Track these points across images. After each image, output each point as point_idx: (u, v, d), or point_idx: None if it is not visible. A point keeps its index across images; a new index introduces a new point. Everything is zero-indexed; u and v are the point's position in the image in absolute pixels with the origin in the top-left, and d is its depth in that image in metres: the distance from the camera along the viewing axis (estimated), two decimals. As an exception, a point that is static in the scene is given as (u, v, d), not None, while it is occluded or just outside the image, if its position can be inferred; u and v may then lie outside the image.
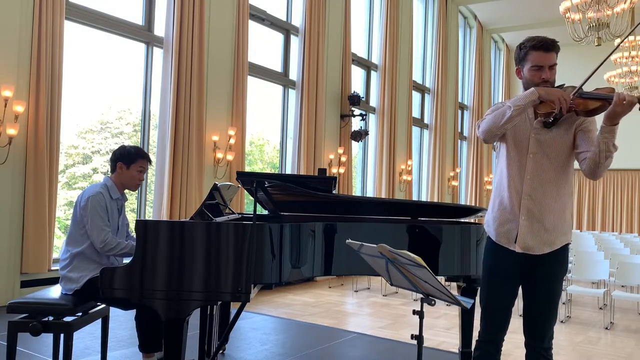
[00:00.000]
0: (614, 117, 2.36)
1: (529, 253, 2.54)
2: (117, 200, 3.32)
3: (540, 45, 2.51)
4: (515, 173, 2.57)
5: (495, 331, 2.63)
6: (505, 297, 2.60)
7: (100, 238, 3.10)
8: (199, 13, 7.13)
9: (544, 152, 2.53)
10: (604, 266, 6.42)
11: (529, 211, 2.52)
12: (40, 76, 5.62)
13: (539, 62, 2.51)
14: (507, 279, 2.60)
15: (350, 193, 9.81)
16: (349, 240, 2.35)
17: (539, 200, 2.52)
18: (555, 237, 2.52)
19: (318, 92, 9.08)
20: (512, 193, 2.57)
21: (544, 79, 2.50)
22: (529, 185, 2.53)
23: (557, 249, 2.53)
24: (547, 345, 2.53)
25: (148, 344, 3.37)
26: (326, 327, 5.40)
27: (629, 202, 16.34)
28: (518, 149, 2.58)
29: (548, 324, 2.53)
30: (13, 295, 5.41)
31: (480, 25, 15.80)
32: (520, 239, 2.53)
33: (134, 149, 3.36)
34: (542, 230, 2.51)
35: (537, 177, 2.52)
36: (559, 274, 2.57)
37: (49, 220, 5.71)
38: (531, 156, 2.54)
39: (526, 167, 2.54)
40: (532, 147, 2.54)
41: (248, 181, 3.15)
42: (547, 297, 2.54)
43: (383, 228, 3.44)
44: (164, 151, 6.89)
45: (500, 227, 2.60)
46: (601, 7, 8.62)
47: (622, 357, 4.78)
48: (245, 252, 2.73)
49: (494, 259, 2.64)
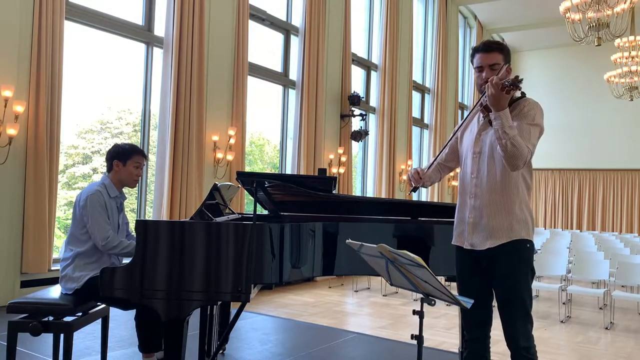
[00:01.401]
0: (491, 102, 2.42)
1: (475, 249, 2.59)
2: (116, 198, 3.32)
3: (479, 46, 2.63)
4: (464, 174, 2.70)
5: (476, 329, 2.66)
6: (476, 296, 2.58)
7: (102, 235, 3.10)
8: (199, 13, 7.13)
9: (485, 150, 2.60)
10: (604, 266, 6.42)
11: (474, 209, 2.60)
12: (40, 76, 5.62)
13: (479, 63, 2.61)
14: (471, 277, 2.67)
15: (350, 193, 9.81)
16: (349, 240, 2.35)
17: (483, 197, 2.58)
18: (499, 232, 2.54)
19: (318, 92, 9.08)
20: (463, 194, 2.69)
21: (485, 79, 2.55)
22: (474, 184, 2.62)
23: (502, 244, 2.53)
24: (525, 344, 2.50)
25: (148, 344, 3.36)
26: (326, 327, 5.40)
27: (629, 202, 16.33)
28: (466, 151, 2.71)
29: (517, 325, 2.51)
30: (13, 295, 5.41)
31: (480, 25, 15.80)
32: (467, 236, 2.62)
33: (128, 146, 3.37)
34: (485, 226, 2.56)
35: (481, 175, 2.60)
36: (518, 274, 2.54)
37: (49, 220, 5.72)
38: (474, 156, 2.63)
39: (470, 168, 2.64)
40: (475, 147, 2.64)
41: (248, 181, 3.16)
42: (509, 297, 2.54)
43: (383, 228, 3.44)
44: (164, 151, 6.89)
45: (456, 229, 2.73)
46: (601, 7, 8.61)
47: (622, 357, 4.78)
48: (245, 252, 2.73)
49: (457, 260, 2.74)
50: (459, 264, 2.73)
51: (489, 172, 2.58)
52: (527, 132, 2.47)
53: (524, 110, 2.54)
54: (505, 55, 2.60)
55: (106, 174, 3.37)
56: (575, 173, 17.06)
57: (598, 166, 16.57)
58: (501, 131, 2.40)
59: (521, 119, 2.51)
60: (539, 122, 2.53)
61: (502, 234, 2.54)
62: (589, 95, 16.46)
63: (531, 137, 2.48)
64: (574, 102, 16.66)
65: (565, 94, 16.78)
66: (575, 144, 16.53)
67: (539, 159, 16.15)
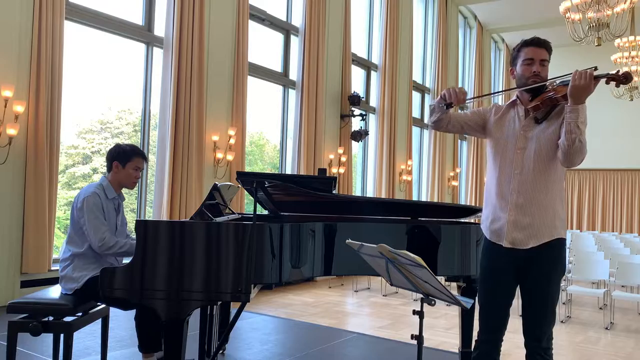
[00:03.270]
0: (574, 93, 2.38)
1: (517, 247, 2.54)
2: (114, 199, 3.30)
3: (531, 40, 2.62)
4: (504, 170, 2.61)
5: (493, 331, 2.63)
6: (501, 297, 2.59)
7: (97, 237, 3.09)
8: (199, 13, 7.13)
9: (532, 146, 2.55)
10: (604, 266, 6.42)
11: (517, 206, 2.54)
12: (40, 76, 5.62)
13: (531, 55, 2.58)
14: (502, 277, 2.60)
15: (350, 193, 9.81)
16: (349, 241, 2.35)
17: (527, 194, 2.53)
18: (543, 230, 2.51)
19: (318, 92, 9.08)
20: (502, 190, 2.60)
21: (535, 72, 2.55)
22: (517, 180, 2.56)
23: (545, 242, 2.50)
24: (546, 345, 2.51)
25: (148, 345, 3.36)
26: (326, 327, 5.40)
27: (629, 202, 16.34)
28: (506, 146, 2.63)
29: (544, 325, 2.51)
30: (13, 295, 5.41)
31: (480, 25, 15.80)
32: (507, 234, 2.56)
33: (130, 147, 3.34)
34: (530, 224, 2.52)
35: (525, 172, 2.55)
36: (553, 273, 2.53)
37: (49, 220, 5.72)
38: (519, 152, 2.58)
39: (514, 163, 2.58)
40: (520, 143, 2.58)
41: (248, 181, 3.15)
42: (541, 298, 2.52)
43: (383, 228, 3.44)
44: (164, 151, 6.89)
45: (492, 225, 2.64)
46: (601, 7, 8.62)
47: (622, 357, 4.78)
48: (245, 252, 2.72)
49: (489, 258, 2.66)
50: (491, 260, 2.64)
51: (535, 169, 2.53)
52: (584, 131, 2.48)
53: None
54: (550, 55, 2.63)
55: (105, 174, 3.36)
56: (575, 173, 17.05)
57: (598, 166, 16.58)
58: (574, 125, 2.37)
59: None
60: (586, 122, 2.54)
61: (546, 232, 2.51)
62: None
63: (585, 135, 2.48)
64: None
65: (565, 94, 16.75)
66: (575, 144, 16.51)
67: (539, 159, 16.17)
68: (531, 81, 2.55)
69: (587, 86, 2.35)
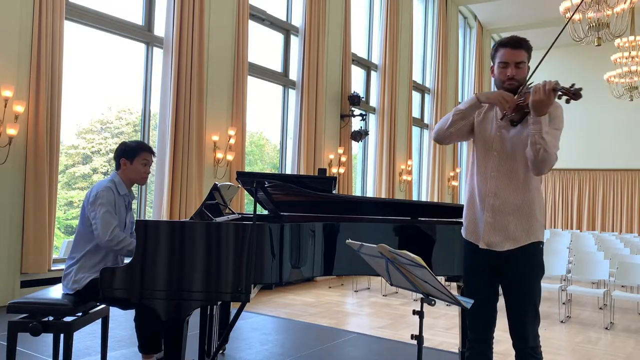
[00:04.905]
0: (534, 106, 2.36)
1: (492, 249, 2.54)
2: (125, 196, 3.29)
3: (506, 42, 2.55)
4: (482, 172, 2.62)
5: (482, 330, 2.64)
6: (484, 295, 2.59)
7: (107, 230, 3.05)
8: (199, 13, 7.13)
9: (508, 150, 2.55)
10: (604, 266, 6.41)
11: (493, 208, 2.54)
12: (40, 76, 5.62)
13: (505, 59, 2.53)
14: (482, 276, 2.62)
15: (350, 193, 9.81)
16: (349, 241, 2.35)
17: (503, 197, 2.53)
18: (519, 234, 2.51)
19: (318, 92, 9.08)
20: (479, 191, 2.61)
21: (509, 76, 2.51)
22: (494, 183, 2.55)
23: (521, 246, 2.50)
24: (533, 344, 2.50)
25: (148, 346, 3.36)
26: (326, 327, 5.40)
27: (629, 202, 16.34)
28: (484, 148, 2.63)
29: (527, 324, 2.50)
30: (13, 295, 5.41)
31: (480, 25, 15.80)
32: (484, 235, 2.56)
33: (135, 143, 3.35)
34: (506, 227, 2.51)
35: (502, 175, 2.54)
36: (531, 273, 2.53)
37: (49, 220, 5.71)
38: (495, 154, 2.57)
39: (491, 166, 2.58)
40: (496, 146, 2.58)
41: (248, 181, 3.15)
42: (520, 297, 2.52)
43: (383, 228, 3.44)
44: (164, 151, 6.89)
45: (470, 225, 2.65)
46: (601, 7, 8.62)
47: (622, 357, 4.78)
48: (245, 252, 2.72)
49: (468, 257, 2.68)
50: (470, 261, 2.67)
51: (510, 172, 2.52)
52: (555, 137, 2.44)
53: (552, 112, 2.46)
54: (529, 54, 2.55)
55: (115, 172, 3.35)
56: (575, 173, 17.05)
57: (598, 166, 16.58)
58: (538, 136, 2.35)
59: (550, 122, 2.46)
60: (562, 125, 2.52)
61: (523, 236, 2.50)
62: (589, 95, 16.41)
63: (557, 142, 2.45)
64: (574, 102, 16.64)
65: (565, 94, 16.76)
66: (575, 144, 16.53)
67: (539, 159, 16.19)
68: (506, 84, 2.52)
69: (545, 100, 2.33)
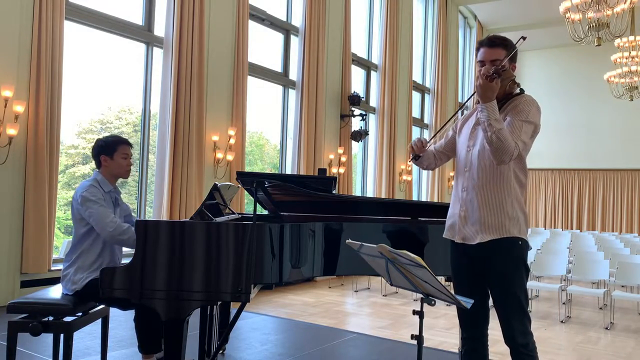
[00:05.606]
0: (479, 93, 2.42)
1: (466, 243, 2.58)
2: (110, 193, 3.29)
3: (483, 41, 2.61)
4: (458, 167, 2.70)
5: (472, 326, 2.65)
6: (469, 292, 2.59)
7: (108, 222, 3.05)
8: (199, 13, 7.13)
9: (477, 145, 2.58)
10: (604, 266, 6.42)
11: (465, 202, 2.60)
12: (40, 76, 5.62)
13: (481, 57, 2.59)
14: (464, 273, 2.66)
15: (350, 193, 9.81)
16: (349, 241, 2.35)
17: (473, 192, 2.57)
18: (489, 228, 2.52)
19: (318, 92, 9.08)
20: (455, 187, 2.70)
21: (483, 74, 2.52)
22: (466, 177, 2.62)
23: (492, 239, 2.50)
24: (523, 341, 2.49)
25: (147, 346, 3.36)
26: (326, 327, 5.40)
27: (629, 202, 16.33)
28: (462, 144, 2.71)
29: (513, 321, 2.49)
30: (13, 295, 5.41)
31: (480, 25, 15.80)
32: (459, 229, 2.62)
33: (112, 138, 3.33)
34: (476, 220, 2.55)
35: (474, 170, 2.59)
36: (510, 269, 2.52)
37: (49, 220, 5.71)
38: (468, 150, 2.63)
39: (465, 161, 2.64)
40: (470, 141, 2.64)
41: (248, 181, 3.16)
42: (502, 293, 2.53)
43: (383, 228, 3.44)
44: (164, 151, 6.89)
45: (448, 220, 2.72)
46: (601, 7, 8.61)
47: (622, 357, 4.78)
48: (245, 252, 2.72)
49: (451, 255, 2.73)
50: (453, 259, 2.72)
51: (480, 166, 2.56)
52: (518, 128, 2.46)
53: (519, 106, 2.52)
54: (509, 52, 2.54)
55: (96, 170, 3.35)
56: (575, 173, 17.05)
57: (598, 166, 16.57)
58: (487, 123, 2.39)
59: (515, 115, 2.50)
60: (534, 120, 2.51)
61: (493, 229, 2.52)
62: (589, 95, 16.45)
63: (522, 134, 2.46)
64: (574, 102, 16.66)
65: (565, 94, 16.77)
66: (575, 144, 16.53)
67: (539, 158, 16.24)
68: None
69: (485, 85, 2.39)
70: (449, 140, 2.89)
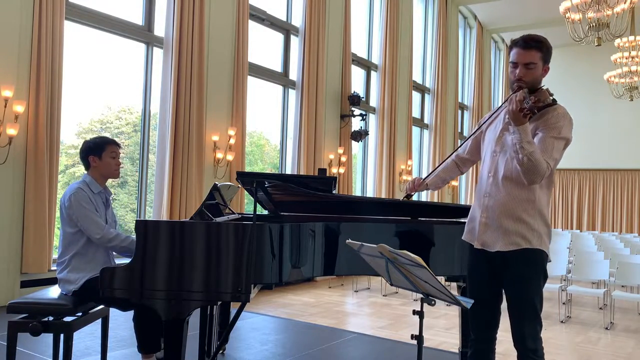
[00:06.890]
0: (510, 116, 2.37)
1: (486, 249, 2.55)
2: (100, 194, 3.29)
3: (517, 41, 2.49)
4: (482, 171, 2.65)
5: (482, 329, 2.63)
6: (484, 295, 2.58)
7: (96, 228, 3.09)
8: (199, 13, 7.13)
9: (505, 153, 2.53)
10: (604, 266, 6.41)
11: (487, 208, 2.55)
12: (40, 76, 5.62)
13: (514, 59, 2.48)
14: (480, 277, 2.62)
15: (350, 193, 9.81)
16: (349, 241, 2.35)
17: (496, 199, 2.52)
18: (510, 236, 2.47)
19: (318, 92, 9.08)
20: (478, 191, 2.65)
21: (518, 77, 2.45)
22: (490, 183, 2.56)
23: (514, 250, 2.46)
24: (533, 346, 2.45)
25: (147, 346, 3.35)
26: (326, 327, 5.40)
27: (629, 202, 16.34)
28: (488, 148, 2.65)
29: (525, 326, 2.46)
30: (13, 295, 5.41)
31: (480, 25, 15.80)
32: (479, 235, 2.58)
33: (99, 139, 3.33)
34: (497, 228, 2.51)
35: (498, 175, 2.54)
36: (529, 276, 2.48)
37: (49, 220, 5.72)
38: (494, 155, 2.58)
39: (490, 166, 2.59)
40: (496, 147, 2.58)
41: (248, 181, 3.15)
42: (518, 297, 2.50)
43: (383, 228, 3.44)
44: (164, 151, 6.89)
45: (469, 224, 2.68)
46: (601, 7, 8.62)
47: (622, 357, 4.78)
48: (245, 252, 2.72)
49: (469, 257, 2.71)
50: (470, 262, 2.68)
51: (505, 176, 2.50)
52: (550, 145, 2.38)
53: (551, 120, 2.42)
54: (544, 55, 2.45)
55: (85, 172, 3.35)
56: (575, 173, 17.05)
57: (598, 166, 16.58)
58: (518, 146, 2.33)
59: (547, 131, 2.41)
60: (566, 135, 2.42)
61: (514, 239, 2.47)
62: (589, 95, 16.47)
63: (554, 152, 2.38)
64: (574, 102, 16.66)
65: (565, 94, 16.74)
66: (575, 144, 16.36)
67: (539, 159, 16.18)
68: (515, 85, 2.46)
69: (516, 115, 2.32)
70: (474, 145, 2.83)
